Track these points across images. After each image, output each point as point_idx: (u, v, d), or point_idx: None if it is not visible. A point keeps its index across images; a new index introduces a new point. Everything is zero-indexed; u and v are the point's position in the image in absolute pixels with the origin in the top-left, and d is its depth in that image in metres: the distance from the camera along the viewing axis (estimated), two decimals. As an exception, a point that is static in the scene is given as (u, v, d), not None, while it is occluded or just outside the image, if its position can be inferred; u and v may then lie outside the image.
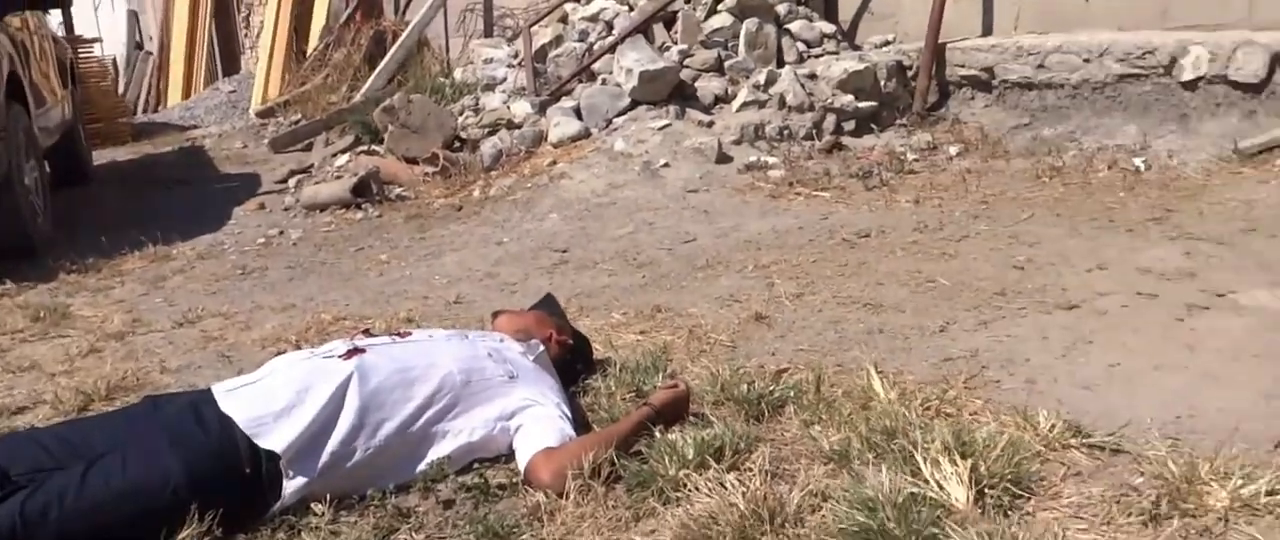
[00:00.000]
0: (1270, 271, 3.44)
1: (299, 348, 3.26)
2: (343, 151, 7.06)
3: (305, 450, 2.19)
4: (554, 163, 5.67)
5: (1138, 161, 5.08)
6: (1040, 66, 5.92)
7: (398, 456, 2.30)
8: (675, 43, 6.38)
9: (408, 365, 2.39)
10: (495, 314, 2.97)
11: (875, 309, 3.40)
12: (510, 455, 2.39)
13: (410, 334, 2.66)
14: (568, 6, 7.15)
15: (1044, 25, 6.02)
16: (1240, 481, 1.99)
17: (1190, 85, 5.48)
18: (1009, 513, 1.99)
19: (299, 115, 8.89)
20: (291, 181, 6.69)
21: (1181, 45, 5.45)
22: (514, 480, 2.32)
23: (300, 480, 2.18)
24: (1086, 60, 5.78)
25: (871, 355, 2.92)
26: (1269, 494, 1.95)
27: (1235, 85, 5.32)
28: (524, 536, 2.08)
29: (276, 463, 2.16)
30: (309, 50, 10.12)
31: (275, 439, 2.17)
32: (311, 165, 7.09)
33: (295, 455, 2.18)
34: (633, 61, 5.96)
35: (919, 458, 2.10)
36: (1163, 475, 2.04)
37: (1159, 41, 5.52)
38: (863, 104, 6.03)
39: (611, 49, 6.33)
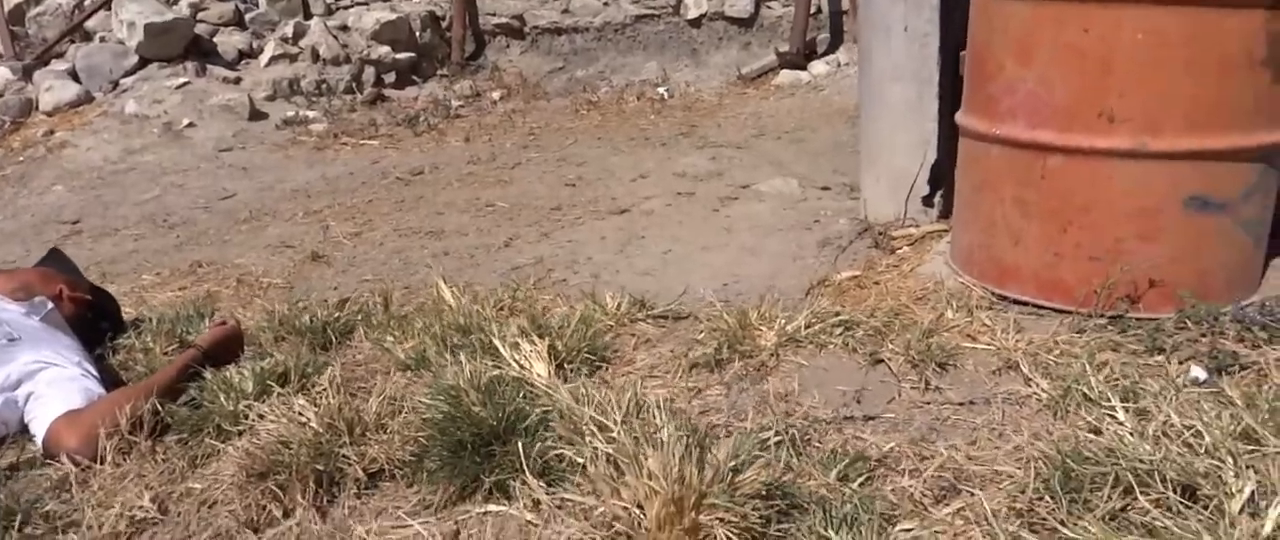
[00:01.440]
0: (779, 165, 3.87)
1: None
2: None
3: None
4: (51, 132, 4.88)
5: (662, 90, 5.50)
6: (566, 11, 6.18)
7: None
8: (186, -5, 5.78)
9: None
10: (-19, 277, 2.45)
11: (438, 235, 3.32)
12: (25, 430, 1.97)
13: None
14: (47, -39, 6.17)
15: (566, -28, 6.26)
16: (784, 321, 2.18)
17: (696, 23, 6.02)
18: (589, 379, 2.01)
19: None
20: None
21: (685, -15, 5.97)
22: (30, 455, 1.92)
23: None
24: (606, 4, 6.12)
25: (439, 273, 2.84)
26: (807, 327, 2.16)
27: (732, 21, 5.94)
28: (49, 507, 1.71)
29: None
30: None
31: None
32: None
33: None
34: (134, 14, 5.29)
35: (498, 344, 2.05)
36: (720, 328, 2.18)
37: (667, -18, 6.00)
38: (401, 55, 5.91)
39: (107, 4, 5.57)
